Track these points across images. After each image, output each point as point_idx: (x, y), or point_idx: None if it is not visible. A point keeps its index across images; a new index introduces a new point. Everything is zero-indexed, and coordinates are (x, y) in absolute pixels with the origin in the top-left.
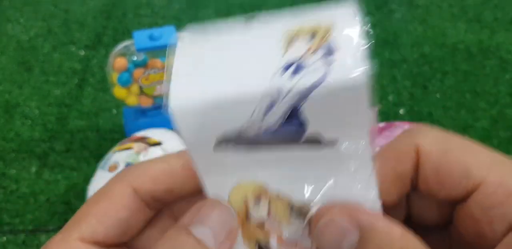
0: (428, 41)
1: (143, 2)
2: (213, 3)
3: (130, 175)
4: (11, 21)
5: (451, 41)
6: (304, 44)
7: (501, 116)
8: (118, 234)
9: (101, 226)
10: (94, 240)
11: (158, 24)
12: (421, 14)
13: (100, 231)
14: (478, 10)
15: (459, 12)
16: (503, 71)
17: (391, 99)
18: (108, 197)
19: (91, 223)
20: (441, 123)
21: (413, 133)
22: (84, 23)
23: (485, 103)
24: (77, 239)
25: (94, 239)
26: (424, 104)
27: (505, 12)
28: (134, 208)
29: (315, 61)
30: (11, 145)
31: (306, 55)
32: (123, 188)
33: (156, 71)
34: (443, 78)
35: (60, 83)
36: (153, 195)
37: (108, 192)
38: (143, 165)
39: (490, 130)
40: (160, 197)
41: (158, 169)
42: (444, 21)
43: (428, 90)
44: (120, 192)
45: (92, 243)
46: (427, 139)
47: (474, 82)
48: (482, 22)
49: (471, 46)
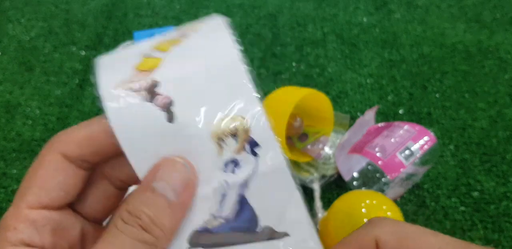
0: (427, 41)
1: (144, 2)
2: (213, 3)
3: (57, 143)
4: (12, 21)
5: (450, 41)
6: (233, 145)
7: (500, 116)
8: (61, 195)
9: (43, 191)
10: (41, 205)
11: (159, 24)
12: (420, 15)
13: (44, 196)
14: (477, 10)
15: (458, 12)
16: (502, 71)
17: (390, 99)
18: (42, 166)
19: (34, 191)
20: (440, 123)
21: (372, 225)
22: (85, 23)
23: (484, 103)
24: (26, 208)
25: (41, 204)
26: (424, 104)
27: (504, 12)
28: (67, 171)
29: (244, 159)
30: (12, 145)
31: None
32: (53, 155)
33: None
34: (442, 78)
35: (61, 83)
36: (81, 158)
37: (42, 162)
38: (68, 132)
39: (489, 130)
40: (88, 159)
41: (82, 135)
42: (443, 21)
43: (427, 90)
44: (52, 159)
45: (41, 208)
46: (385, 229)
47: (473, 82)
48: (481, 22)
49: (470, 46)
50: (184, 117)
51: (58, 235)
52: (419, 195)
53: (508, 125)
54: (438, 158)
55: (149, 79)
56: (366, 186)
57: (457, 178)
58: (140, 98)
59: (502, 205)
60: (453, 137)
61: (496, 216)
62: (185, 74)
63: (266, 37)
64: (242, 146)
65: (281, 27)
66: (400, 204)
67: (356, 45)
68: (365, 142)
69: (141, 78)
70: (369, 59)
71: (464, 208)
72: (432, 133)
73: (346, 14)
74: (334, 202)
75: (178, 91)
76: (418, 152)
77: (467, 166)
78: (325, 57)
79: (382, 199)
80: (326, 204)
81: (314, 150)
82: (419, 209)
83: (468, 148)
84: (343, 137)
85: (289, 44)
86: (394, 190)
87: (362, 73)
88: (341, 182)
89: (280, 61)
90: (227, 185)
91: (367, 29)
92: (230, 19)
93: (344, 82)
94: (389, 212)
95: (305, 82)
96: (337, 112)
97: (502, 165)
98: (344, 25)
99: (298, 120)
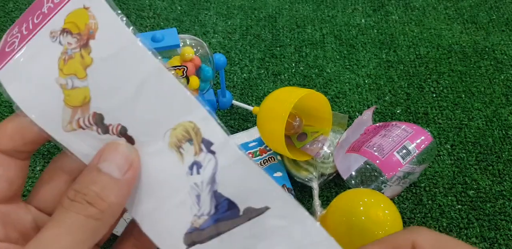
0: (424, 42)
1: (146, 4)
2: (214, 5)
3: None
4: None
5: (447, 42)
6: (191, 149)
7: (496, 116)
8: (4, 187)
9: None
10: None
11: (160, 26)
12: (417, 16)
13: None
14: (474, 12)
15: (454, 13)
16: (498, 72)
17: (388, 99)
18: None
19: None
20: (437, 122)
21: (411, 230)
22: None
23: (480, 103)
24: None
25: None
26: (420, 104)
27: (500, 14)
28: (5, 164)
29: (204, 159)
30: None
31: (197, 156)
32: None
33: None
34: (439, 78)
35: None
36: (16, 149)
37: None
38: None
39: (485, 129)
40: (22, 150)
41: (12, 128)
42: (440, 22)
43: (424, 90)
44: None
45: None
46: (423, 236)
47: (470, 83)
48: (478, 23)
49: (467, 47)
50: (142, 137)
51: (8, 227)
52: (416, 194)
53: (503, 124)
54: (435, 157)
55: (92, 114)
56: (364, 184)
57: (453, 177)
58: (94, 134)
59: (498, 203)
60: (449, 136)
61: (492, 214)
62: (123, 99)
63: (266, 38)
64: (198, 147)
65: (281, 29)
66: (398, 202)
67: (354, 46)
68: (363, 142)
69: (82, 115)
70: (367, 60)
71: (461, 206)
72: (428, 133)
73: (345, 15)
74: (332, 201)
75: (124, 117)
76: (415, 151)
77: (463, 165)
78: (324, 58)
79: (379, 197)
80: (325, 203)
81: (313, 149)
82: (416, 207)
83: (464, 147)
84: (341, 136)
85: (288, 45)
86: (392, 189)
87: (360, 73)
88: (339, 181)
89: (280, 62)
90: (197, 186)
91: (365, 30)
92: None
93: (342, 82)
94: (387, 210)
95: (304, 83)
96: (335, 112)
97: (498, 164)
98: (343, 27)
99: (297, 119)
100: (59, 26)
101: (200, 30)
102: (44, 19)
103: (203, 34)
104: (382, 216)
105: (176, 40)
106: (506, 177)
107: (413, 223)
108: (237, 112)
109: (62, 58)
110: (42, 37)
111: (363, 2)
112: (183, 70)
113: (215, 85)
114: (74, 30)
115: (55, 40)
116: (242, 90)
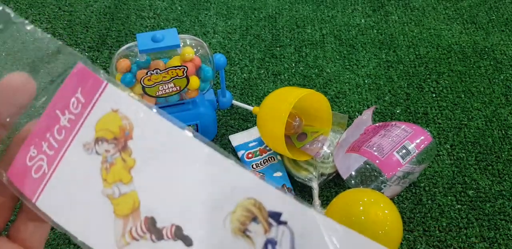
0: (424, 43)
1: (146, 4)
2: (214, 5)
3: None
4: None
5: (447, 43)
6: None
7: (496, 116)
8: None
9: None
10: None
11: (161, 26)
12: (417, 16)
13: None
14: (473, 12)
15: (454, 14)
16: (497, 72)
17: (387, 99)
18: None
19: None
20: (437, 122)
21: None
22: (88, 25)
23: (480, 103)
24: None
25: None
26: (420, 104)
27: (500, 14)
28: None
29: (277, 234)
30: None
31: (268, 233)
32: None
33: (158, 72)
34: (438, 78)
35: None
36: None
37: None
38: None
39: (485, 129)
40: None
41: None
42: (440, 22)
43: (424, 90)
44: None
45: None
46: None
47: (469, 83)
48: (477, 23)
49: (466, 47)
50: (201, 235)
51: None
52: (416, 193)
53: (503, 124)
54: (435, 157)
55: (144, 219)
56: (363, 184)
57: (453, 177)
58: (149, 243)
59: (497, 203)
60: (449, 136)
61: (492, 214)
62: (173, 195)
63: (266, 38)
64: (267, 224)
65: (281, 29)
66: (397, 202)
67: (354, 46)
68: (362, 141)
69: (134, 223)
70: (366, 60)
71: (460, 206)
72: (428, 133)
73: (344, 16)
74: (332, 200)
75: (177, 215)
76: (414, 151)
77: (463, 165)
78: (324, 58)
79: (379, 197)
80: (325, 202)
81: (313, 149)
82: (416, 207)
83: (464, 147)
84: (341, 136)
85: (288, 45)
86: (391, 189)
87: (360, 73)
88: (339, 181)
89: (280, 62)
90: None
91: (364, 31)
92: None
93: (342, 82)
94: (387, 210)
95: (304, 83)
96: (335, 112)
97: (498, 164)
98: (342, 27)
99: (297, 119)
100: (90, 136)
101: (200, 30)
102: (70, 134)
103: (203, 34)
104: (381, 215)
105: (176, 40)
106: (505, 177)
107: (412, 223)
108: (237, 112)
109: (103, 167)
110: (75, 152)
111: (363, 2)
112: (183, 70)
113: (215, 85)
114: (108, 136)
115: (91, 152)
116: (242, 90)
